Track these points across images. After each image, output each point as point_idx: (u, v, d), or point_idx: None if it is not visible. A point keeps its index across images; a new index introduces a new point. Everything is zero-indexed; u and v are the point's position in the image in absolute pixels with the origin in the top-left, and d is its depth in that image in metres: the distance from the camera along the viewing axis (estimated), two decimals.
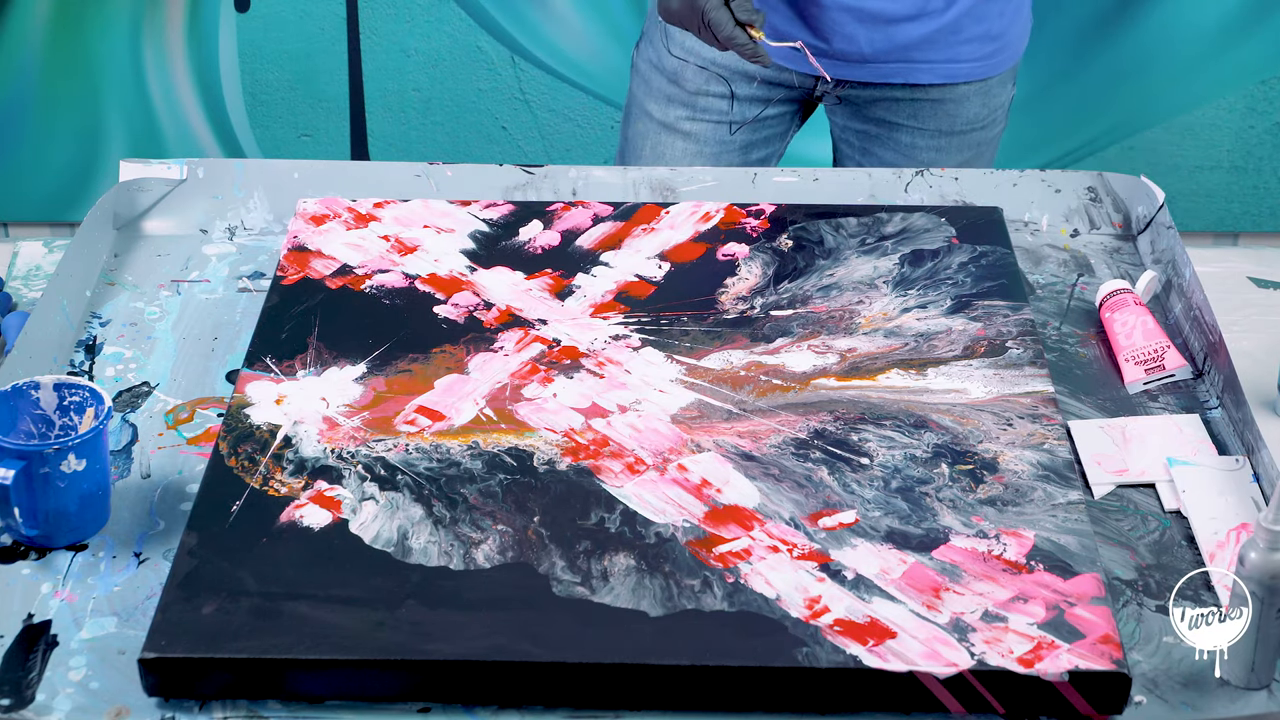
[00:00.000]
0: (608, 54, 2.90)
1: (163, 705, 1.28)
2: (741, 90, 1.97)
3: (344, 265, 1.69)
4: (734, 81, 1.96)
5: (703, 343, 1.60)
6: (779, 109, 2.00)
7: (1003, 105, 2.02)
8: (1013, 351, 1.58)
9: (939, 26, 1.90)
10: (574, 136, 2.98)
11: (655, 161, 2.01)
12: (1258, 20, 2.87)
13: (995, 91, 1.99)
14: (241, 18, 2.88)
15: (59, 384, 1.43)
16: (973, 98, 1.97)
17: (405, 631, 1.28)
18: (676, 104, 1.99)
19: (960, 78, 1.94)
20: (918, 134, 1.98)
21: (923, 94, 1.95)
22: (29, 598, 1.36)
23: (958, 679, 1.26)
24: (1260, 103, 2.94)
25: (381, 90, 2.94)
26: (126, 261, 1.77)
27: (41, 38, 2.87)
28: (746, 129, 1.99)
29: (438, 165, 1.84)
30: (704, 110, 1.98)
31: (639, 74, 2.03)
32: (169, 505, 1.45)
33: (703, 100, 1.98)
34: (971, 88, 1.96)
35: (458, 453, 1.46)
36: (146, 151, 2.93)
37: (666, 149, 2.01)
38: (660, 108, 2.00)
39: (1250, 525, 1.40)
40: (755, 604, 1.31)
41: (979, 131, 2.00)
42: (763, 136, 2.01)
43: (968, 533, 1.38)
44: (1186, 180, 3.00)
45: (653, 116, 2.01)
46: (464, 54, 2.91)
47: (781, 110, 2.00)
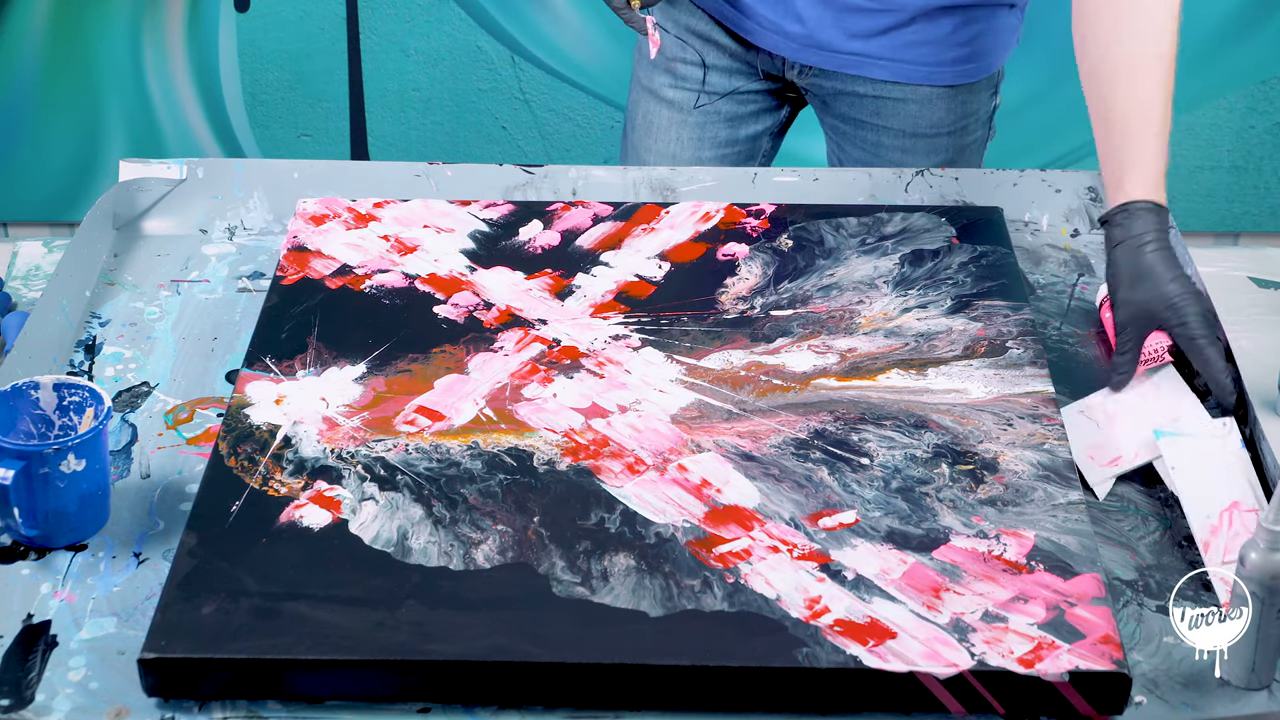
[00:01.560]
0: (608, 54, 2.90)
1: (162, 705, 1.27)
2: (713, 60, 1.97)
3: (344, 265, 1.69)
4: (704, 51, 1.97)
5: (703, 343, 1.59)
6: (758, 84, 2.00)
7: (979, 114, 1.99)
8: (1013, 351, 1.58)
9: (895, 23, 1.89)
10: (574, 136, 2.98)
11: (646, 130, 2.02)
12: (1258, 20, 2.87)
13: (966, 99, 1.96)
14: (241, 17, 2.88)
15: (59, 384, 1.43)
16: (937, 101, 1.94)
17: (405, 631, 1.28)
18: (659, 70, 2.01)
19: (918, 79, 1.92)
20: (883, 133, 1.97)
21: (885, 91, 1.95)
22: (29, 598, 1.36)
23: (958, 679, 1.26)
24: (1261, 103, 2.94)
25: (381, 90, 2.94)
26: (126, 261, 1.77)
27: (41, 38, 2.87)
28: (730, 100, 1.99)
29: (438, 165, 1.83)
30: (682, 78, 1.99)
31: (638, 44, 2.04)
32: (169, 505, 1.45)
33: (680, 68, 1.99)
34: (936, 91, 1.94)
35: (458, 453, 1.46)
36: (146, 151, 2.93)
37: (655, 116, 2.02)
38: (647, 74, 2.02)
39: (1240, 503, 1.40)
40: (755, 604, 1.31)
41: (947, 137, 1.97)
42: (750, 111, 2.01)
43: (968, 533, 1.38)
44: (1187, 180, 3.00)
45: (641, 83, 2.04)
46: (464, 54, 2.91)
47: (759, 86, 2.00)
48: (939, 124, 1.96)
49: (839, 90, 1.96)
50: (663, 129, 2.01)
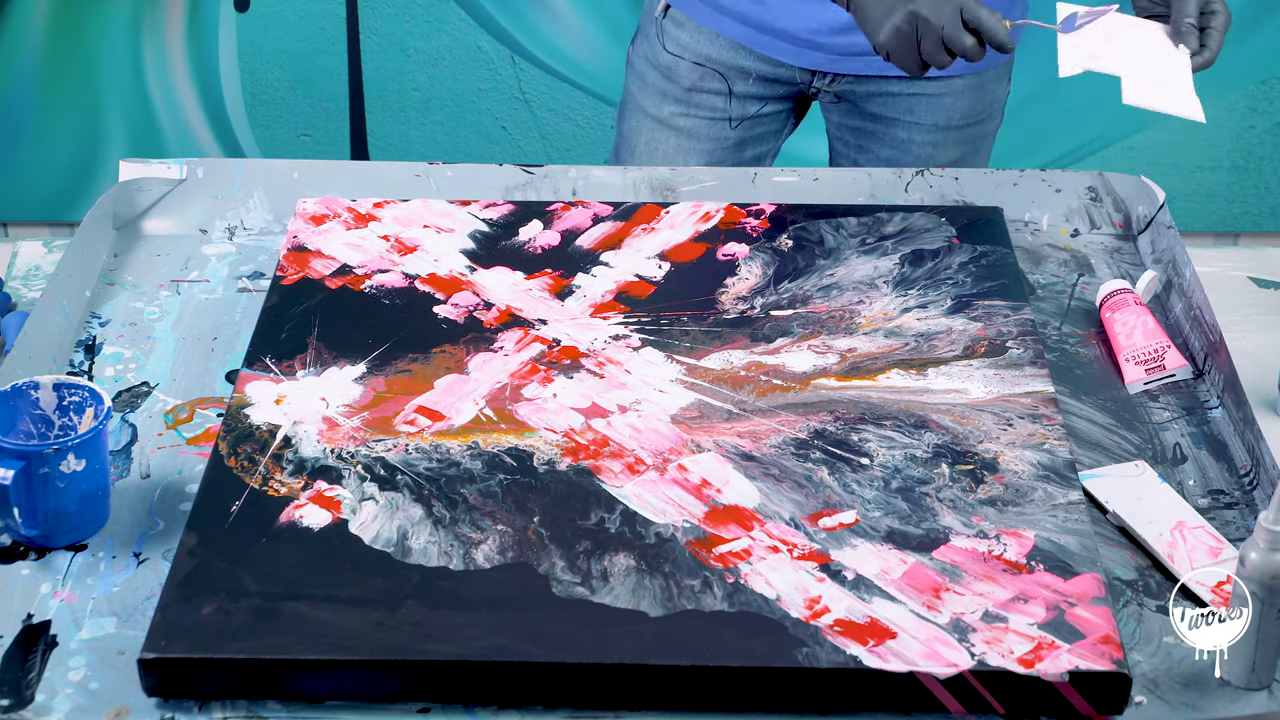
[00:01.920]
0: (608, 54, 2.90)
1: (162, 706, 1.27)
2: (738, 87, 1.97)
3: (344, 265, 1.69)
4: (730, 78, 1.96)
5: (703, 343, 1.59)
6: (776, 106, 2.00)
7: (999, 101, 2.02)
8: (1013, 351, 1.58)
9: None
10: (574, 136, 2.98)
11: (650, 158, 2.01)
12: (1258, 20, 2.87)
13: (990, 87, 1.98)
14: (241, 17, 2.88)
15: (58, 384, 1.43)
16: (967, 92, 1.96)
17: (405, 632, 1.28)
18: (670, 100, 1.99)
19: (955, 70, 1.93)
20: (914, 129, 1.98)
21: (920, 87, 1.95)
22: (28, 598, 1.36)
23: (958, 679, 1.26)
24: (1261, 102, 2.94)
25: (381, 90, 2.94)
26: (126, 261, 1.77)
27: (41, 38, 2.87)
28: (742, 125, 1.99)
29: (437, 165, 1.83)
30: (698, 106, 1.98)
31: (634, 70, 2.03)
32: (168, 505, 1.45)
33: (697, 96, 1.98)
34: (966, 81, 1.96)
35: (457, 453, 1.46)
36: (146, 151, 2.93)
37: (660, 144, 2.01)
38: (654, 103, 2.00)
39: (1185, 522, 1.41)
40: (755, 604, 1.31)
41: (974, 127, 2.00)
42: (757, 134, 2.01)
43: (968, 533, 1.38)
44: (1187, 180, 3.00)
45: (647, 112, 2.01)
46: (464, 54, 2.91)
47: (778, 108, 2.00)
48: (969, 114, 1.97)
49: (872, 92, 1.96)
50: (668, 156, 2.01)
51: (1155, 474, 1.47)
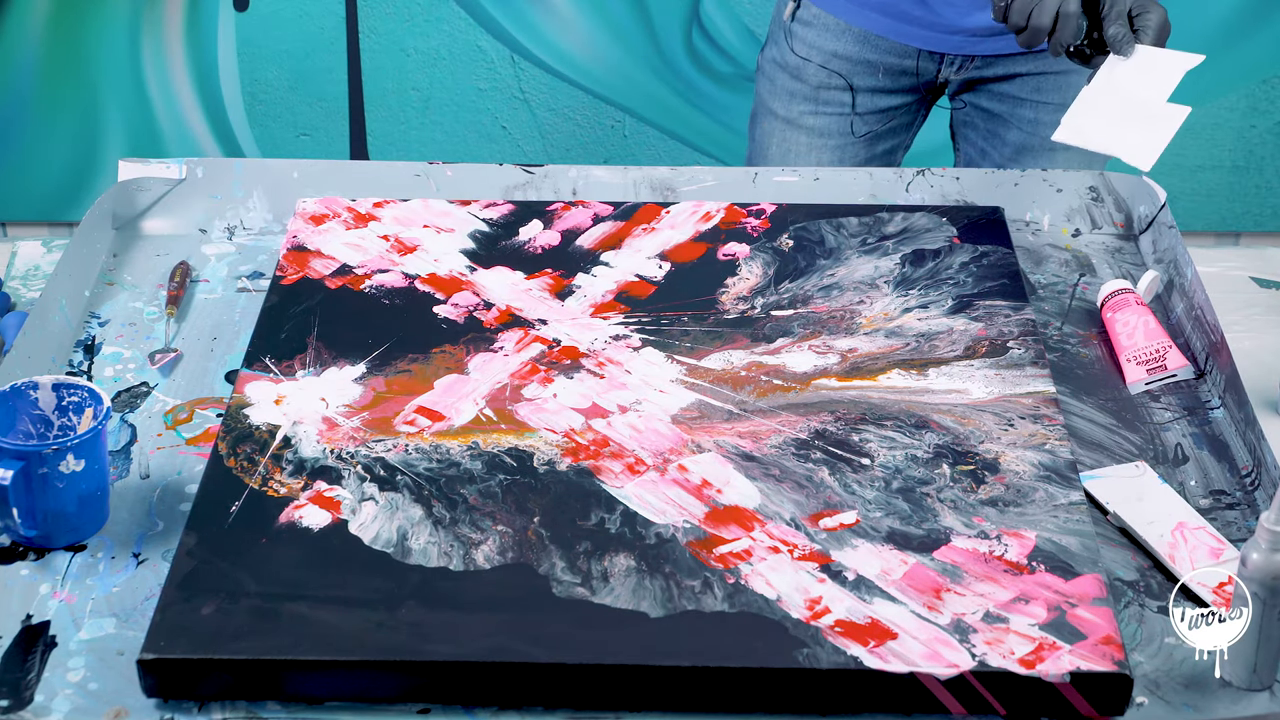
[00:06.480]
0: (608, 54, 2.90)
1: (162, 706, 1.27)
2: (864, 83, 1.98)
3: (343, 265, 1.69)
4: (855, 74, 1.97)
5: (703, 343, 1.59)
6: (903, 99, 2.01)
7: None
8: (1014, 352, 1.58)
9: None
10: (574, 136, 2.98)
11: (783, 159, 2.04)
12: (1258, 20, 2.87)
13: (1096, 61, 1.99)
14: (240, 17, 2.88)
15: (58, 384, 1.43)
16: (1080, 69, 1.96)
17: (405, 632, 1.28)
18: (799, 99, 2.01)
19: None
20: (1041, 108, 1.98)
21: (1045, 65, 1.95)
22: (28, 598, 1.36)
23: (959, 680, 1.26)
24: (1262, 102, 2.94)
25: (381, 89, 2.94)
26: (125, 261, 1.77)
27: (40, 38, 2.87)
28: (871, 120, 2.00)
29: (437, 165, 1.83)
30: (826, 104, 2.00)
31: (764, 74, 2.06)
32: (168, 506, 1.45)
33: (825, 94, 2.00)
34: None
35: (457, 453, 1.46)
36: (145, 151, 2.93)
37: (792, 145, 2.04)
38: (784, 104, 2.03)
39: (1186, 523, 1.41)
40: (756, 605, 1.31)
41: None
42: (889, 128, 2.03)
43: (969, 533, 1.38)
44: (1188, 180, 2.99)
45: (777, 114, 2.04)
46: (463, 53, 2.91)
47: (906, 100, 2.02)
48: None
49: (1001, 74, 1.97)
50: (801, 155, 2.03)
51: (1156, 475, 1.47)
